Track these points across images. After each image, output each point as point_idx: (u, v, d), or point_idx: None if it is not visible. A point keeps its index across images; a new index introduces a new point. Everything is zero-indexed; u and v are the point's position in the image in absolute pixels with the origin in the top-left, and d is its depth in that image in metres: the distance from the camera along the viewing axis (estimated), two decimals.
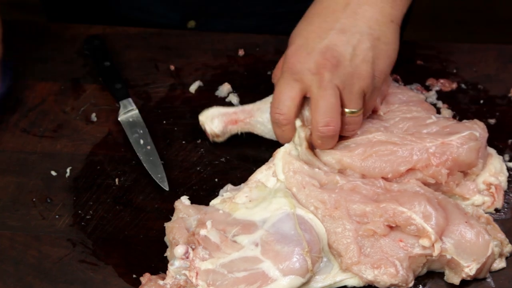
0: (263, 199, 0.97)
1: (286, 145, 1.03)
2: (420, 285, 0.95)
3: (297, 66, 0.98)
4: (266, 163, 1.02)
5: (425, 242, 0.92)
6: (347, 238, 0.93)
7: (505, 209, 1.03)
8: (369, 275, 0.92)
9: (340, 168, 1.00)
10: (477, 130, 1.03)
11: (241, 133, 1.09)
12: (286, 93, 0.99)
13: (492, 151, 1.06)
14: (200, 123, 1.09)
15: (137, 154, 1.08)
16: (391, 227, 0.94)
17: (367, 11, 0.99)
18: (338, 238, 0.94)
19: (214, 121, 1.08)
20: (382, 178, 0.99)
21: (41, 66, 1.22)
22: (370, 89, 0.99)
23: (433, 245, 0.92)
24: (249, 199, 0.98)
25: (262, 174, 1.01)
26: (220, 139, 1.09)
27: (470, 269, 0.92)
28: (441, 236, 0.93)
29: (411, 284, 0.93)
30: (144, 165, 1.07)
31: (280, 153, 1.02)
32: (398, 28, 1.02)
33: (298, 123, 1.02)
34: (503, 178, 1.03)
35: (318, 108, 0.97)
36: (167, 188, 1.05)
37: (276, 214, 0.95)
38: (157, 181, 1.05)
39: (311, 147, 1.03)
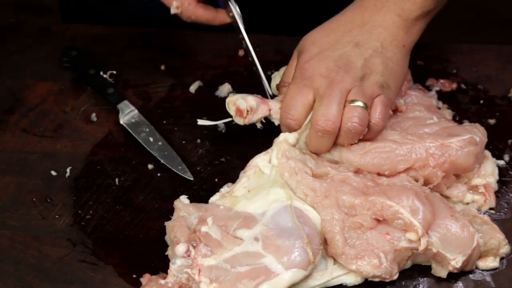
0: (261, 187, 0.98)
1: (285, 133, 1.02)
2: (410, 280, 0.96)
3: (309, 71, 0.99)
4: (265, 151, 1.03)
5: (411, 236, 0.92)
6: (334, 227, 0.94)
7: (505, 209, 1.03)
8: (352, 265, 0.93)
9: (338, 160, 1.01)
10: (477, 134, 1.03)
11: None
12: (298, 99, 1.00)
13: (487, 153, 1.06)
14: (230, 102, 1.03)
15: (151, 152, 1.08)
16: (378, 220, 0.95)
17: (381, 33, 1.02)
18: (326, 226, 0.94)
19: (248, 98, 1.03)
20: (379, 174, 1.00)
21: (41, 66, 1.22)
22: (376, 93, 0.99)
23: (419, 239, 0.92)
24: (248, 189, 0.99)
25: (260, 159, 1.02)
26: (250, 120, 1.04)
27: (456, 261, 0.93)
28: (427, 231, 0.93)
29: (395, 277, 0.94)
30: (162, 161, 1.07)
31: (278, 139, 1.02)
32: (409, 54, 1.05)
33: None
34: (491, 180, 1.03)
35: (321, 104, 0.98)
36: (191, 178, 1.06)
37: (273, 206, 0.95)
38: (179, 173, 1.06)
39: None
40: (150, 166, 1.08)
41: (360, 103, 0.97)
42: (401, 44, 1.03)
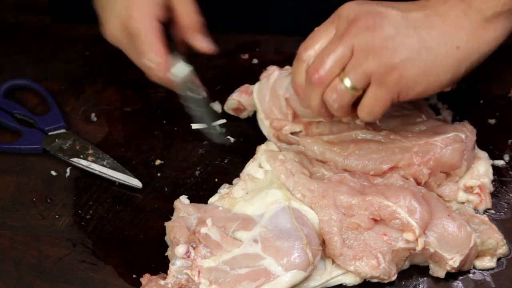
0: (259, 190, 0.98)
1: (266, 142, 1.06)
2: (410, 280, 0.96)
3: (344, 9, 0.89)
4: (252, 158, 1.04)
5: (409, 236, 0.92)
6: (332, 228, 0.94)
7: (505, 209, 1.03)
8: (351, 266, 0.93)
9: (323, 160, 1.02)
10: (464, 132, 1.03)
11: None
12: (320, 31, 0.92)
13: (483, 154, 1.06)
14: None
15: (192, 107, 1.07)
16: (375, 221, 0.95)
17: (436, 22, 0.87)
18: (324, 227, 0.94)
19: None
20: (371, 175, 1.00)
21: (41, 66, 1.22)
22: (378, 79, 0.87)
23: (416, 240, 0.92)
24: (246, 192, 0.99)
25: (249, 167, 1.02)
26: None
27: (454, 261, 0.93)
28: (425, 230, 0.93)
29: (394, 278, 0.94)
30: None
31: (261, 149, 1.04)
32: (462, 62, 0.89)
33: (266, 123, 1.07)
34: (485, 180, 1.03)
35: (324, 52, 0.89)
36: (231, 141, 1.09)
37: (271, 208, 0.95)
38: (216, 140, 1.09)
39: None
40: (157, 162, 1.08)
41: (347, 85, 0.88)
42: (454, 44, 0.87)
